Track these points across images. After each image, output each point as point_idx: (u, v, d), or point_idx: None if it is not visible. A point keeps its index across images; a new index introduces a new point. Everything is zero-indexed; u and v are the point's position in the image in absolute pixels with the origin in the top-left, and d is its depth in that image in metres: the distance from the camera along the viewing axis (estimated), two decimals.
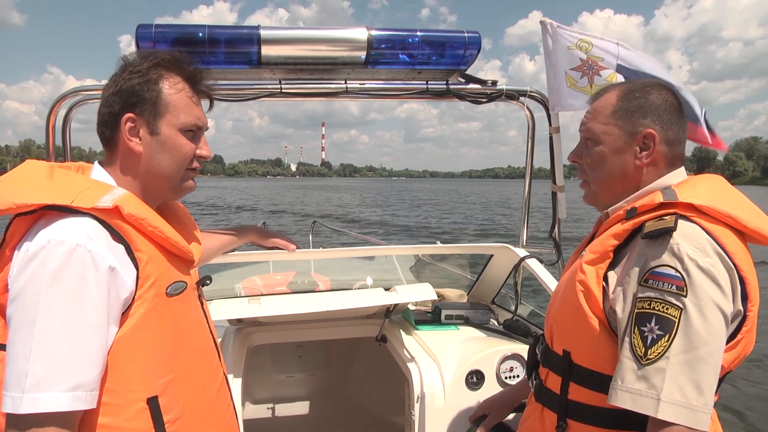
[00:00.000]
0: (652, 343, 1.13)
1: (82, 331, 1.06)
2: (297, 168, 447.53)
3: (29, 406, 1.01)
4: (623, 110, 1.35)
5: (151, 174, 1.29)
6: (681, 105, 1.37)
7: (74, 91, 2.38)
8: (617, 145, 1.36)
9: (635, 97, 1.35)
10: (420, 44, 2.35)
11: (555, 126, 2.76)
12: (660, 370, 1.12)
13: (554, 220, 2.88)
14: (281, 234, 2.09)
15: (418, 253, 4.20)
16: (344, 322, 2.71)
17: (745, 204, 1.29)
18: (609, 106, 1.38)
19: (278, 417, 3.53)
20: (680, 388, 1.10)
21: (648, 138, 1.32)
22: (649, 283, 1.17)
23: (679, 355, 1.11)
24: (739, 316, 1.19)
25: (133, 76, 1.26)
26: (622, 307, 1.22)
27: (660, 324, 1.14)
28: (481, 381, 2.20)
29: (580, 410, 1.31)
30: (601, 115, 1.38)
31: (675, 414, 1.10)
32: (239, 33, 2.23)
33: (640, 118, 1.33)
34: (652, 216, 1.25)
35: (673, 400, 1.10)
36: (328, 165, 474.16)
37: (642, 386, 1.13)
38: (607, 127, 1.37)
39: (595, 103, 1.42)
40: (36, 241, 1.08)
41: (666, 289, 1.14)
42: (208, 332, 1.39)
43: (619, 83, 1.45)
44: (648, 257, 1.20)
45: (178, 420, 1.20)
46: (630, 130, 1.34)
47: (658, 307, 1.15)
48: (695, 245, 1.16)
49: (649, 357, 1.13)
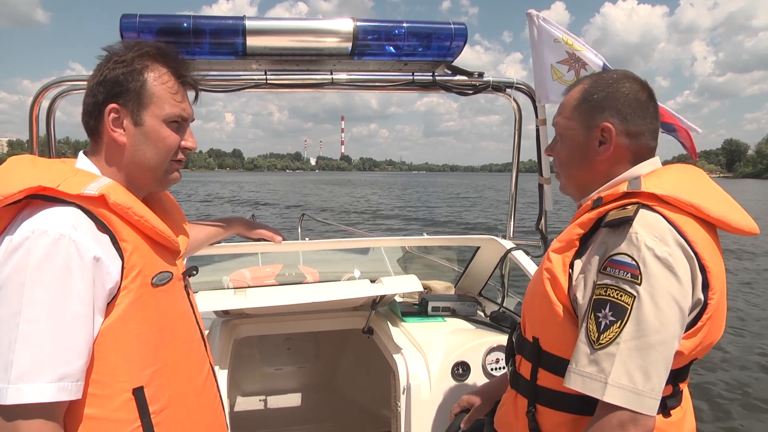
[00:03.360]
0: (605, 328, 1.16)
1: (67, 322, 1.06)
2: (316, 162, 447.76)
3: (14, 397, 1.01)
4: (583, 105, 1.38)
5: (136, 165, 1.28)
6: (651, 98, 1.38)
7: (59, 81, 2.34)
8: (578, 139, 1.39)
9: (598, 91, 1.37)
10: (406, 36, 2.35)
11: (542, 118, 2.77)
12: (610, 355, 1.15)
13: (540, 212, 2.89)
14: (267, 226, 2.09)
15: (405, 244, 4.21)
16: (331, 314, 2.71)
17: (713, 194, 1.31)
18: (572, 101, 1.40)
19: (267, 409, 3.54)
20: (627, 372, 1.13)
21: (605, 131, 1.34)
22: (606, 271, 1.20)
23: (629, 341, 1.14)
24: (700, 305, 1.21)
25: (118, 66, 1.25)
26: (583, 293, 1.25)
27: (613, 310, 1.16)
28: (467, 372, 2.21)
29: (549, 396, 1.34)
30: (565, 110, 1.42)
31: (620, 397, 1.13)
32: (224, 23, 2.22)
33: (597, 113, 1.35)
34: (616, 205, 1.28)
35: (619, 384, 1.13)
36: (348, 159, 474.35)
37: (592, 370, 1.16)
38: (570, 122, 1.40)
39: (564, 97, 1.45)
40: (20, 232, 1.08)
41: (621, 277, 1.17)
42: (194, 323, 1.39)
43: (590, 76, 1.46)
44: (608, 245, 1.22)
45: (164, 410, 1.20)
46: (588, 124, 1.37)
47: (612, 294, 1.17)
48: (654, 234, 1.18)
49: (600, 342, 1.16)
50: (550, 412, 1.34)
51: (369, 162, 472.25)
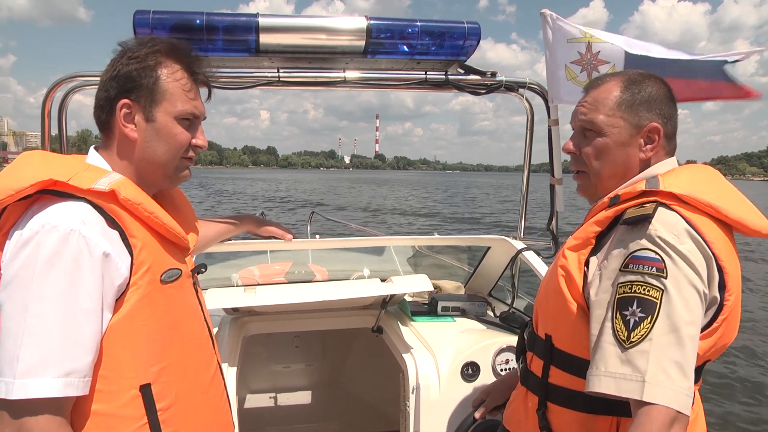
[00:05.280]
0: (635, 326, 1.12)
1: (75, 317, 1.06)
2: (350, 160, 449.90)
3: (21, 392, 1.01)
4: (628, 102, 1.34)
5: (146, 161, 1.28)
6: (672, 95, 1.37)
7: (72, 76, 2.35)
8: (622, 138, 1.34)
9: (638, 89, 1.34)
10: (419, 34, 2.34)
11: (554, 118, 2.74)
12: (644, 353, 1.10)
13: (552, 213, 2.87)
14: (278, 223, 2.09)
15: (416, 244, 4.20)
16: (340, 313, 2.71)
17: (731, 195, 1.29)
18: (612, 97, 1.35)
19: (276, 407, 3.54)
20: (664, 369, 1.09)
21: (653, 131, 1.32)
22: (629, 268, 1.17)
23: (662, 336, 1.10)
24: (715, 304, 1.19)
25: (131, 61, 1.25)
26: (596, 290, 1.23)
27: (642, 306, 1.13)
28: (476, 373, 2.20)
29: (560, 394, 1.32)
30: (604, 106, 1.35)
31: (660, 395, 1.07)
32: (237, 20, 2.22)
33: (645, 111, 1.33)
34: (633, 203, 1.26)
35: (658, 381, 1.08)
36: (382, 157, 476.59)
37: (627, 370, 1.11)
38: (612, 119, 1.34)
39: (595, 92, 1.38)
40: (30, 226, 1.08)
41: (646, 272, 1.15)
42: (202, 320, 1.39)
43: (616, 73, 1.44)
44: (628, 243, 1.20)
45: (171, 407, 1.20)
46: (635, 123, 1.33)
47: (639, 289, 1.14)
48: (673, 231, 1.16)
49: (632, 340, 1.12)
50: (560, 410, 1.32)
51: (403, 161, 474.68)
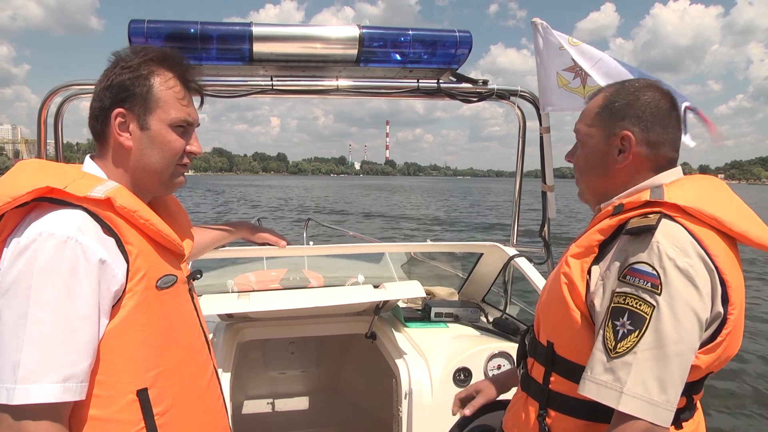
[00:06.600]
0: (623, 337, 1.15)
1: (73, 324, 1.07)
2: (361, 166, 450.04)
3: (21, 397, 1.02)
4: (604, 112, 1.37)
5: (141, 169, 1.30)
6: (673, 107, 1.36)
7: (67, 85, 2.37)
8: (597, 147, 1.38)
9: (619, 98, 1.36)
10: (411, 43, 2.37)
11: (545, 126, 2.77)
12: (626, 364, 1.13)
13: (544, 220, 2.90)
14: (272, 230, 2.10)
15: (409, 250, 4.21)
16: (335, 319, 2.72)
17: (735, 207, 1.29)
18: (595, 107, 1.40)
19: (272, 413, 3.54)
20: (643, 382, 1.12)
21: (625, 139, 1.33)
22: (626, 279, 1.19)
23: (647, 351, 1.13)
24: (719, 319, 1.20)
25: (125, 71, 1.27)
26: (601, 301, 1.24)
27: (632, 319, 1.15)
28: (468, 378, 2.21)
29: (561, 401, 1.33)
30: (587, 117, 1.41)
31: (635, 407, 1.11)
32: (231, 30, 2.24)
33: (618, 120, 1.34)
34: (637, 213, 1.26)
35: (635, 393, 1.12)
36: (392, 163, 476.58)
37: (608, 378, 1.15)
38: (590, 129, 1.39)
39: (587, 104, 1.44)
40: (27, 234, 1.09)
41: (641, 286, 1.16)
42: (198, 326, 1.40)
43: (613, 84, 1.47)
44: (628, 253, 1.21)
45: (168, 412, 1.21)
46: (608, 132, 1.36)
47: (631, 302, 1.16)
48: (676, 245, 1.17)
49: (617, 350, 1.15)
50: (561, 417, 1.33)
51: (413, 167, 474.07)
